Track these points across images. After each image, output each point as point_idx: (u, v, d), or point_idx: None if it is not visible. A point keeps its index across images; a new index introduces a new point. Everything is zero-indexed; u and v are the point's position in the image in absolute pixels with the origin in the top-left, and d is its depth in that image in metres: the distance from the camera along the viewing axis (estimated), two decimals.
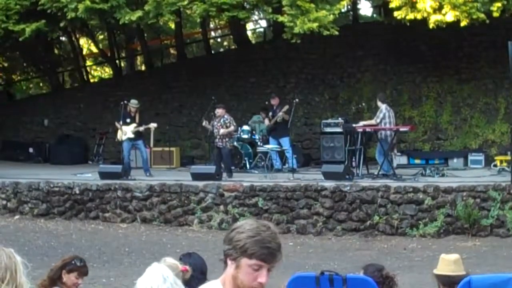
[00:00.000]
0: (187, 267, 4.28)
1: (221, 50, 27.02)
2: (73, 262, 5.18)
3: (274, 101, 16.27)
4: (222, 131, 14.96)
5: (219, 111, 15.13)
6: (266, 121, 16.34)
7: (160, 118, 17.94)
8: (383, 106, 14.51)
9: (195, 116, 19.66)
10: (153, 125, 15.73)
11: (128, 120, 15.60)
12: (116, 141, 16.22)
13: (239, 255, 2.54)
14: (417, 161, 16.67)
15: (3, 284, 2.48)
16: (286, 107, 15.88)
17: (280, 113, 15.83)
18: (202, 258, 5.07)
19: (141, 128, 15.62)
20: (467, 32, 16.25)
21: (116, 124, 15.76)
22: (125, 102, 16.23)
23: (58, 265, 5.20)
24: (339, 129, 15.94)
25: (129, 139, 15.52)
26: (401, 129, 14.96)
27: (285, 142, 15.80)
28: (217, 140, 15.05)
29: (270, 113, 16.27)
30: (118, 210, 14.09)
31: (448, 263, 4.85)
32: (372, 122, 14.74)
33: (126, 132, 15.48)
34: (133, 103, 15.77)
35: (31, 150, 20.84)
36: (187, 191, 13.78)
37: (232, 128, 15.21)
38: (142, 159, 15.88)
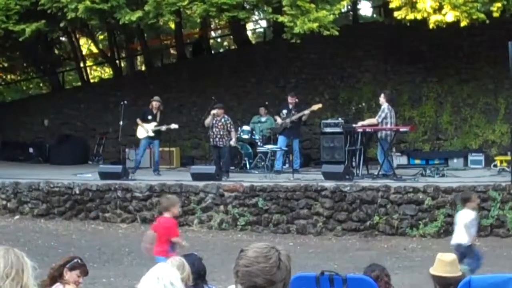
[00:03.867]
0: None
1: (221, 50, 27.03)
2: (75, 260, 5.22)
3: (292, 100, 15.84)
4: (232, 143, 14.96)
5: (218, 111, 15.09)
6: (278, 120, 15.95)
7: (170, 122, 17.89)
8: (385, 105, 14.45)
9: (195, 116, 19.66)
10: (174, 126, 15.80)
11: (149, 117, 15.73)
12: (135, 138, 16.31)
13: (235, 279, 2.59)
14: (417, 161, 16.67)
15: (7, 279, 2.51)
16: (318, 106, 15.61)
17: (307, 111, 15.51)
18: (200, 260, 5.06)
19: (163, 128, 15.70)
20: (467, 32, 16.25)
21: (138, 121, 15.86)
22: (125, 102, 16.34)
23: (59, 263, 5.22)
24: (339, 129, 15.94)
25: (149, 137, 15.65)
26: (401, 129, 14.94)
27: (296, 143, 15.69)
28: (217, 139, 15.03)
29: (285, 111, 15.83)
30: (118, 210, 14.09)
31: (444, 264, 4.86)
32: (373, 121, 14.68)
33: (147, 129, 15.59)
34: (156, 99, 15.92)
35: (31, 150, 20.84)
36: (187, 191, 13.78)
37: (234, 133, 15.17)
38: (154, 160, 16.00)
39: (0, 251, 2.58)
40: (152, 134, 15.67)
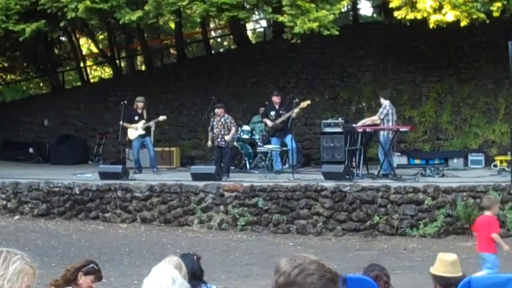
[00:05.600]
0: None
1: (221, 50, 27.03)
2: (91, 265, 5.20)
3: (278, 99, 15.63)
4: (227, 138, 14.94)
5: (218, 111, 15.12)
6: (269, 122, 15.67)
7: (158, 117, 17.94)
8: (386, 103, 14.40)
9: (195, 116, 19.66)
10: (162, 118, 16.13)
11: (136, 118, 16.02)
12: (127, 140, 16.48)
13: None
14: (417, 161, 16.66)
15: None
16: (307, 102, 15.39)
17: (297, 109, 15.25)
18: (195, 261, 5.04)
19: (151, 123, 15.88)
20: (467, 32, 16.25)
21: (125, 124, 15.97)
22: (125, 102, 16.41)
23: (75, 266, 5.20)
24: (339, 129, 15.92)
25: (140, 136, 15.89)
26: (401, 129, 14.92)
27: (289, 140, 15.57)
28: (219, 139, 15.02)
29: (273, 113, 15.61)
30: (118, 210, 14.09)
31: (445, 263, 4.85)
32: (375, 118, 14.64)
33: (137, 128, 15.79)
34: (140, 100, 16.18)
35: (31, 150, 20.85)
36: (187, 191, 13.77)
37: (234, 129, 15.18)
38: (150, 156, 16.15)
39: None
40: (142, 132, 15.86)
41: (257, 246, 12.20)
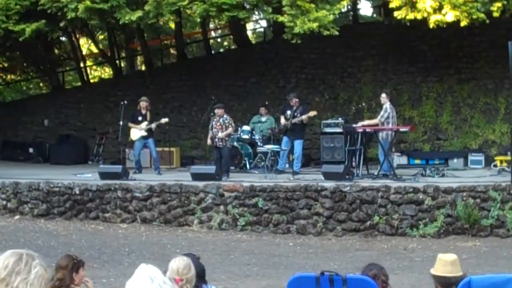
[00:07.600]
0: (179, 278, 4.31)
1: (221, 50, 27.04)
2: (75, 261, 5.27)
3: (293, 102, 15.55)
4: (220, 134, 14.95)
5: (218, 111, 15.14)
6: (282, 120, 15.69)
7: (160, 118, 17.93)
8: (387, 105, 14.41)
9: (195, 116, 19.67)
10: (164, 120, 16.12)
11: (140, 119, 16.04)
12: (130, 141, 16.48)
13: None
14: (417, 161, 16.66)
15: None
16: (314, 113, 15.44)
17: (305, 117, 15.30)
18: (198, 261, 5.04)
19: (153, 125, 15.88)
20: (467, 32, 16.26)
21: (130, 124, 15.99)
22: (125, 102, 16.42)
23: (65, 270, 5.22)
24: (339, 129, 15.92)
25: (142, 137, 15.92)
26: (401, 129, 14.93)
27: (299, 144, 15.52)
28: (216, 140, 15.05)
29: (288, 112, 15.55)
30: (118, 210, 14.08)
31: (445, 263, 4.84)
32: (375, 121, 14.64)
33: (140, 129, 15.77)
34: (143, 100, 16.20)
35: (31, 150, 20.84)
36: (187, 191, 13.77)
37: (230, 129, 15.18)
38: (153, 158, 16.17)
39: (6, 253, 2.63)
40: (144, 134, 15.87)
41: (257, 246, 12.20)
